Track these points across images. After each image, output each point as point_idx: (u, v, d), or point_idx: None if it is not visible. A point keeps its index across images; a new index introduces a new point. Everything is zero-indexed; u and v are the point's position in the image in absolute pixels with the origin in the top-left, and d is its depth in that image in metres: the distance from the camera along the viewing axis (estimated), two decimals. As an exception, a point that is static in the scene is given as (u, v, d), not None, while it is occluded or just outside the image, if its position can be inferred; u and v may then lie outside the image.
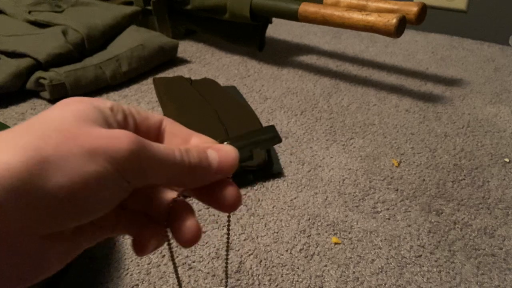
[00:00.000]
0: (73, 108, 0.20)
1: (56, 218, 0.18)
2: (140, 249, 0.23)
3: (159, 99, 0.83)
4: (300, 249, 0.53)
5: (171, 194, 0.24)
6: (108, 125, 0.20)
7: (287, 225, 0.56)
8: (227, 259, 0.30)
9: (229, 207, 0.23)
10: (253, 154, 0.62)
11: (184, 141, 0.24)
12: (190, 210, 0.24)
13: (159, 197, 0.24)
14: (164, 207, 0.24)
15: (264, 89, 0.91)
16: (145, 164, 0.20)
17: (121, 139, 0.19)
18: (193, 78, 0.93)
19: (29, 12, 1.01)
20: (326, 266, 0.51)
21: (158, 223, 0.24)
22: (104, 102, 0.22)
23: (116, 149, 0.18)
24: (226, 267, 0.32)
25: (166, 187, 0.25)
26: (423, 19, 0.83)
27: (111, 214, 0.22)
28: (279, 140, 0.64)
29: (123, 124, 0.22)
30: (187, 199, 0.25)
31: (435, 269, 0.50)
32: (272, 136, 0.63)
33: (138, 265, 0.50)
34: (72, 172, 0.17)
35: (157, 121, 0.24)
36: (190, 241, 0.22)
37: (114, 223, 0.23)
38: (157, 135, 0.24)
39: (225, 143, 0.25)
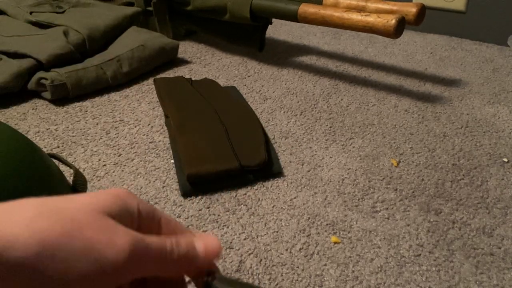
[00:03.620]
0: (100, 198, 0.21)
1: None
2: None
3: (159, 99, 0.84)
4: (300, 249, 0.53)
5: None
6: (127, 223, 0.21)
7: (287, 224, 0.57)
8: None
9: None
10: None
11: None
12: None
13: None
14: None
15: (264, 90, 0.92)
16: (142, 264, 0.20)
17: (119, 242, 0.19)
18: (193, 78, 0.93)
19: (31, 13, 1.01)
20: (325, 265, 0.51)
21: None
22: (141, 203, 0.23)
23: (113, 254, 0.19)
24: None
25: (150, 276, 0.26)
26: (422, 19, 0.84)
27: None
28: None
29: (144, 227, 0.23)
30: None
31: (434, 268, 0.51)
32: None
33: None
34: (67, 265, 0.18)
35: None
36: None
37: None
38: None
39: None
